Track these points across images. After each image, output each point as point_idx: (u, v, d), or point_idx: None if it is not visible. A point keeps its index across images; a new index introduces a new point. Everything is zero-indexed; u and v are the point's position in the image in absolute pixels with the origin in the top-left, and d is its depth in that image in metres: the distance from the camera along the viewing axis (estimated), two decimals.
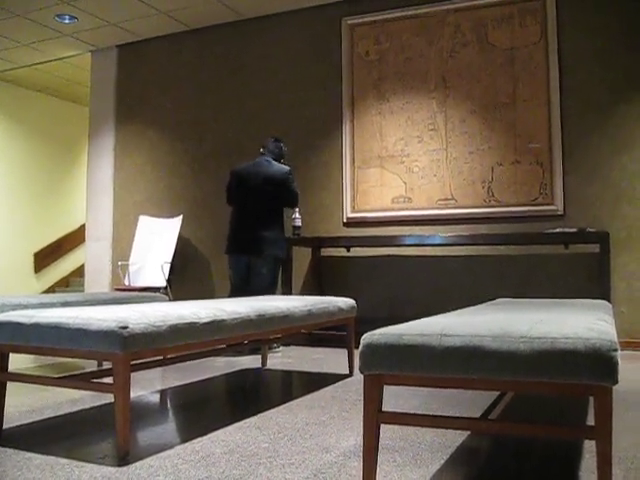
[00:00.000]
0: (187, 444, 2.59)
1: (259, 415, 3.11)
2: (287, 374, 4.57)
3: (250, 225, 5.51)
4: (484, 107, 5.93)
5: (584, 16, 5.65)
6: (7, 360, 2.77)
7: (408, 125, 6.21)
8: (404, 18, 6.28)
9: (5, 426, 2.81)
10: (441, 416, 1.98)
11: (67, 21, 7.07)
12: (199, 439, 2.66)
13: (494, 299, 4.25)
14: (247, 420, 3.00)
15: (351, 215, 6.41)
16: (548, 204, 5.66)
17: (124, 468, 2.27)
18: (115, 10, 6.80)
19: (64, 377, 2.98)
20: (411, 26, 6.26)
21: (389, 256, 6.22)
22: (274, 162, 5.66)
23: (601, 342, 1.66)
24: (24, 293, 9.36)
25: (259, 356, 4.83)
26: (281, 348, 5.55)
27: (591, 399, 1.72)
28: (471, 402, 3.34)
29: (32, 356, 4.97)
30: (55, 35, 7.50)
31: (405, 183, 6.19)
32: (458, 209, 5.97)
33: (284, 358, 5.19)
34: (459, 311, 2.91)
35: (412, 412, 2.33)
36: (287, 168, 5.62)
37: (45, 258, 10.43)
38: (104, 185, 7.90)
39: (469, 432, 2.70)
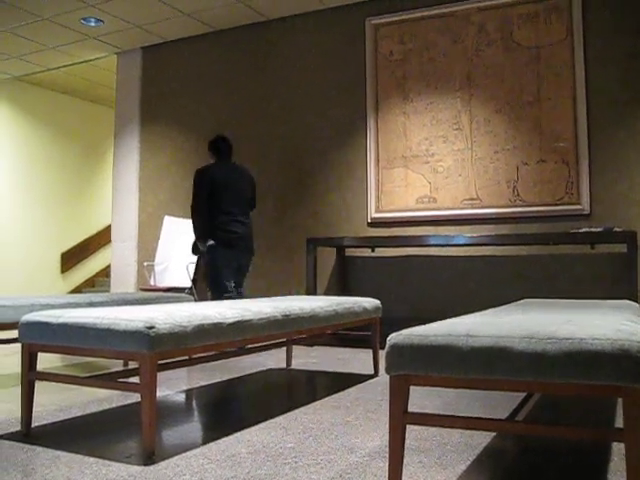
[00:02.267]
0: (212, 444, 2.61)
1: (284, 415, 3.12)
2: (312, 374, 4.58)
3: (243, 225, 5.60)
4: (509, 106, 5.89)
5: (610, 13, 5.59)
6: (36, 359, 2.81)
7: (433, 125, 6.19)
8: (428, 17, 6.26)
9: (34, 424, 2.85)
10: (468, 417, 1.97)
11: (93, 24, 7.14)
12: (224, 439, 2.67)
13: (519, 300, 4.23)
14: (272, 420, 3.01)
15: (376, 215, 6.40)
16: (574, 203, 5.61)
17: (150, 467, 2.28)
18: (140, 12, 6.85)
19: (91, 376, 3.01)
20: (435, 25, 6.24)
21: (414, 256, 6.20)
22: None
23: (630, 343, 1.64)
24: (51, 293, 9.46)
25: (284, 356, 4.84)
26: None
27: (620, 400, 1.70)
28: (496, 403, 3.33)
29: (58, 355, 5.03)
30: (81, 38, 7.57)
31: (430, 183, 6.17)
32: (483, 209, 5.94)
33: (309, 358, 5.19)
34: (485, 312, 2.89)
35: (438, 413, 2.32)
36: None
37: (71, 258, 10.54)
38: (129, 186, 7.96)
39: (495, 433, 2.69)
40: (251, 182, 5.80)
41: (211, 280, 5.58)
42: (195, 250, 5.60)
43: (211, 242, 5.45)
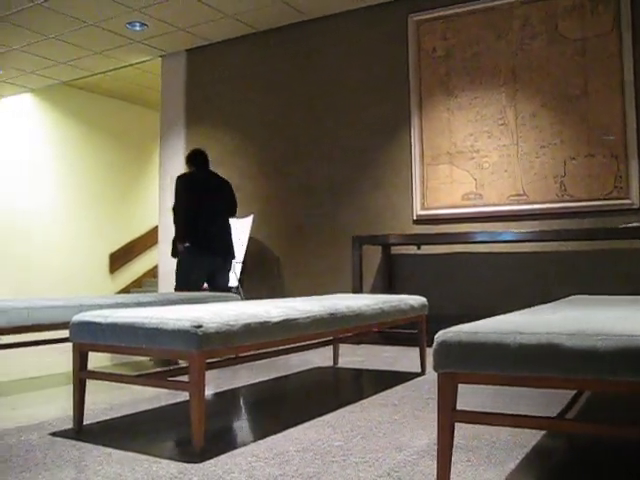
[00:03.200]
0: (261, 442, 2.62)
1: (332, 413, 3.12)
2: (359, 372, 4.58)
3: (220, 229, 5.80)
4: (555, 100, 5.81)
5: None
6: (86, 358, 2.86)
7: (477, 120, 6.14)
8: (471, 12, 6.21)
9: (85, 422, 2.90)
10: (518, 415, 1.95)
11: (138, 28, 7.24)
12: (272, 437, 2.69)
13: (568, 296, 4.16)
14: (320, 418, 3.02)
15: (421, 212, 6.36)
16: (623, 198, 5.50)
17: (199, 465, 2.31)
18: (183, 15, 6.92)
19: (141, 375, 3.05)
20: (478, 20, 6.18)
21: (460, 253, 6.16)
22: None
23: None
24: (100, 293, 9.62)
25: (330, 354, 4.84)
26: None
27: None
28: (543, 401, 3.28)
29: (106, 355, 5.11)
30: (126, 42, 7.68)
31: (475, 179, 6.11)
32: (530, 205, 5.86)
33: (355, 356, 5.19)
34: (533, 308, 2.86)
35: (488, 411, 2.30)
36: None
37: (119, 259, 10.71)
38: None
39: (544, 432, 2.65)
40: (229, 189, 5.95)
41: (179, 277, 5.75)
42: (174, 252, 5.81)
43: (187, 244, 5.64)
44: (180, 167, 7.98)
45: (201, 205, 5.70)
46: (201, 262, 5.67)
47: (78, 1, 6.47)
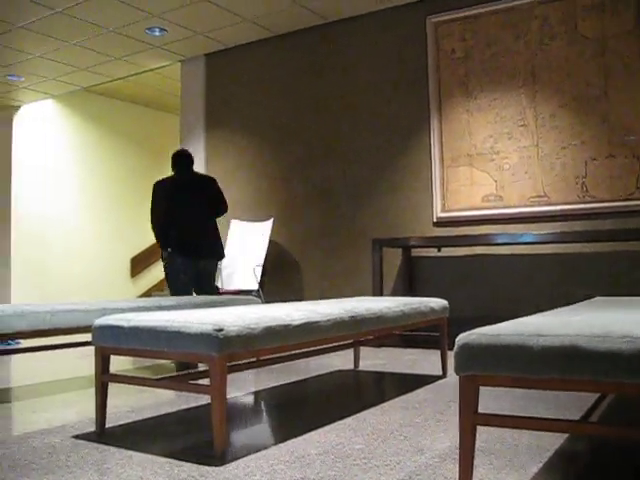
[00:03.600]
0: (282, 444, 2.62)
1: (353, 416, 3.12)
2: (380, 375, 4.57)
3: (199, 231, 5.80)
4: (575, 101, 5.76)
5: None
6: (109, 362, 2.87)
7: (497, 122, 6.11)
8: (489, 13, 6.18)
9: (107, 425, 2.91)
10: (541, 418, 1.93)
11: (157, 33, 7.28)
12: (294, 440, 2.69)
13: (590, 298, 4.13)
14: (341, 421, 3.01)
15: (441, 215, 6.34)
16: None
17: (221, 467, 2.31)
18: (202, 20, 6.95)
19: (163, 379, 3.06)
20: (497, 21, 6.15)
21: (481, 255, 6.13)
22: None
23: None
24: (122, 297, 9.68)
25: (351, 357, 4.83)
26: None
27: None
28: (565, 404, 3.26)
29: (126, 358, 5.13)
30: (146, 47, 7.73)
31: (495, 181, 6.08)
32: (551, 206, 5.82)
33: (376, 359, 5.18)
34: (555, 310, 2.84)
35: (510, 414, 2.29)
36: None
37: (140, 263, 10.77)
38: None
39: (567, 436, 2.63)
40: (212, 188, 5.90)
41: (169, 283, 5.78)
42: (162, 257, 5.84)
43: (169, 250, 5.66)
44: (201, 171, 8.02)
45: (177, 209, 5.72)
46: (185, 265, 5.69)
47: (98, 8, 6.53)
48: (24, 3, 6.36)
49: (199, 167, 8.01)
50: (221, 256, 5.93)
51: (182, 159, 5.91)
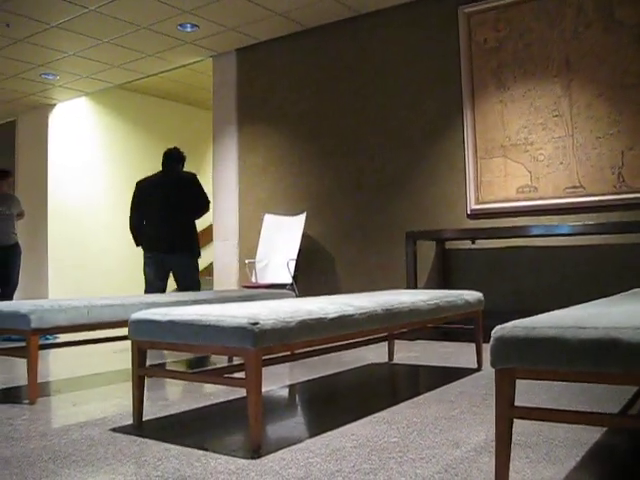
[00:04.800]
0: (317, 438, 2.63)
1: (388, 409, 3.12)
2: (414, 368, 4.56)
3: (170, 229, 5.92)
4: (611, 89, 5.67)
5: None
6: (145, 356, 2.91)
7: (531, 112, 6.04)
8: (522, 2, 6.09)
9: (144, 418, 2.95)
10: (579, 411, 1.92)
11: (189, 29, 7.31)
12: (329, 433, 2.69)
13: (628, 290, 4.07)
14: (376, 414, 3.01)
15: (475, 207, 6.29)
16: None
17: (257, 460, 2.33)
18: (233, 15, 6.97)
19: (198, 372, 3.08)
20: (530, 10, 6.07)
21: (515, 247, 6.07)
22: None
23: None
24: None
25: (385, 351, 4.83)
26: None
27: None
28: (602, 397, 3.22)
29: (161, 352, 5.18)
30: (177, 44, 7.78)
31: (530, 172, 6.02)
32: (587, 197, 5.74)
33: (411, 352, 5.17)
34: (593, 302, 2.80)
35: (547, 407, 2.27)
36: None
37: None
38: (229, 186, 8.12)
39: (604, 430, 2.60)
40: (192, 186, 5.97)
41: (145, 282, 5.93)
42: None
43: (142, 247, 5.91)
44: (233, 166, 8.08)
45: (151, 208, 5.88)
46: (156, 263, 5.79)
47: (131, 5, 6.58)
48: (58, 2, 6.43)
49: (232, 162, 8.07)
50: (193, 253, 5.98)
51: (166, 159, 6.11)
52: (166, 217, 5.81)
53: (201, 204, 6.01)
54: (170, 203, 5.85)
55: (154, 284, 5.83)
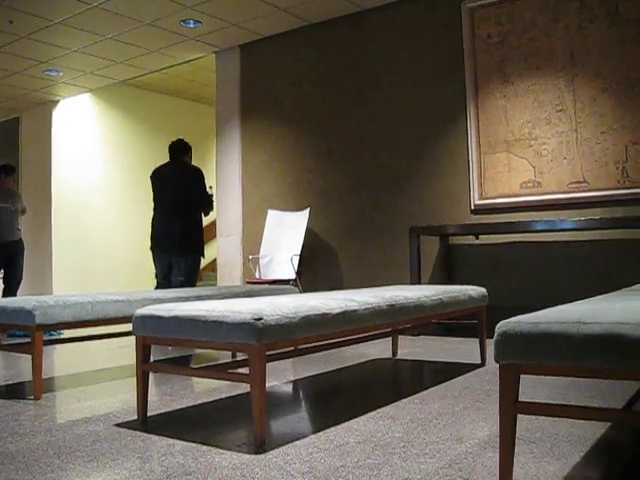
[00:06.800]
0: (321, 433, 2.63)
1: (392, 405, 3.12)
2: (418, 364, 4.56)
3: (170, 224, 5.92)
4: (616, 84, 5.65)
5: None
6: (149, 351, 2.91)
7: (535, 107, 6.02)
8: None
9: (149, 413, 2.95)
10: (583, 406, 1.92)
11: (192, 25, 7.31)
12: (333, 428, 2.70)
13: (632, 285, 4.07)
14: (380, 410, 3.01)
15: (479, 202, 6.28)
16: None
17: (261, 456, 2.33)
18: (237, 11, 6.96)
19: (202, 368, 3.09)
20: (533, 5, 6.05)
21: (519, 243, 6.07)
22: None
23: None
24: None
25: (389, 346, 4.83)
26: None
27: None
28: (606, 393, 3.22)
29: (161, 348, 5.18)
30: (181, 40, 7.78)
31: (534, 167, 6.01)
32: (590, 192, 5.73)
33: (414, 348, 5.17)
34: (596, 298, 2.80)
35: (551, 402, 2.27)
36: None
37: None
38: (233, 182, 8.12)
39: (608, 425, 2.60)
40: (193, 181, 5.90)
41: (156, 277, 6.03)
42: None
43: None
44: (237, 162, 8.08)
45: (157, 200, 5.91)
46: (158, 258, 5.86)
47: (134, 1, 6.59)
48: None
49: (235, 158, 8.06)
50: (197, 253, 5.95)
51: (170, 149, 6.04)
52: (170, 214, 5.79)
53: (201, 203, 5.98)
54: (175, 199, 5.81)
55: (161, 278, 5.83)
